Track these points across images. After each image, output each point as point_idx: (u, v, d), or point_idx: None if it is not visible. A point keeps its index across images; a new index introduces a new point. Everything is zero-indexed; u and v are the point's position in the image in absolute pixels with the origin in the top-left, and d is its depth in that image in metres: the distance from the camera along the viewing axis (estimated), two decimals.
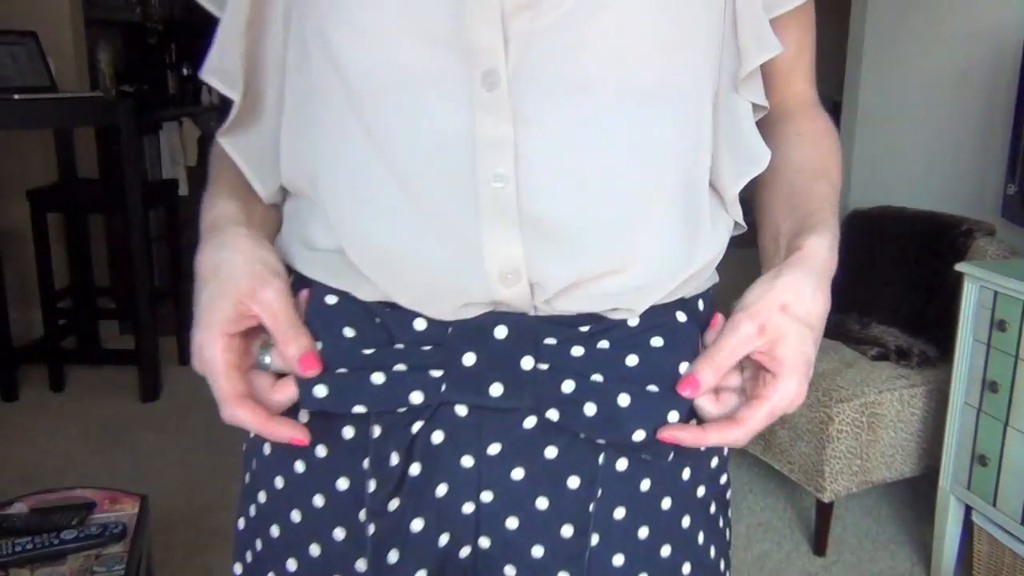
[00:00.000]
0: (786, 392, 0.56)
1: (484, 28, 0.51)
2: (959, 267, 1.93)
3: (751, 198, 0.66)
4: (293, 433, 0.57)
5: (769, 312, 0.57)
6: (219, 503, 2.28)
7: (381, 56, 0.53)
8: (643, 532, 0.63)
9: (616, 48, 0.53)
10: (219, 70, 0.60)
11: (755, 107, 0.62)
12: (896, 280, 2.37)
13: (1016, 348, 1.78)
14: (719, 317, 0.62)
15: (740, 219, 0.65)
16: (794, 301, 0.57)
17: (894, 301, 2.36)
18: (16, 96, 2.68)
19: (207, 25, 0.61)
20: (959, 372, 1.94)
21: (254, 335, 0.59)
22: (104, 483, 1.81)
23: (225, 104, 0.61)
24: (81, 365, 3.29)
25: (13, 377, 3.05)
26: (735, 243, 0.67)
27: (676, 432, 0.58)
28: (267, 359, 0.59)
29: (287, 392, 0.58)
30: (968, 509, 1.99)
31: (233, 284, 0.57)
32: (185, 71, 5.01)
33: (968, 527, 1.99)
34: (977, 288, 1.89)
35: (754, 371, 0.59)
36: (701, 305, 0.65)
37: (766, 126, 0.64)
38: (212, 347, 0.56)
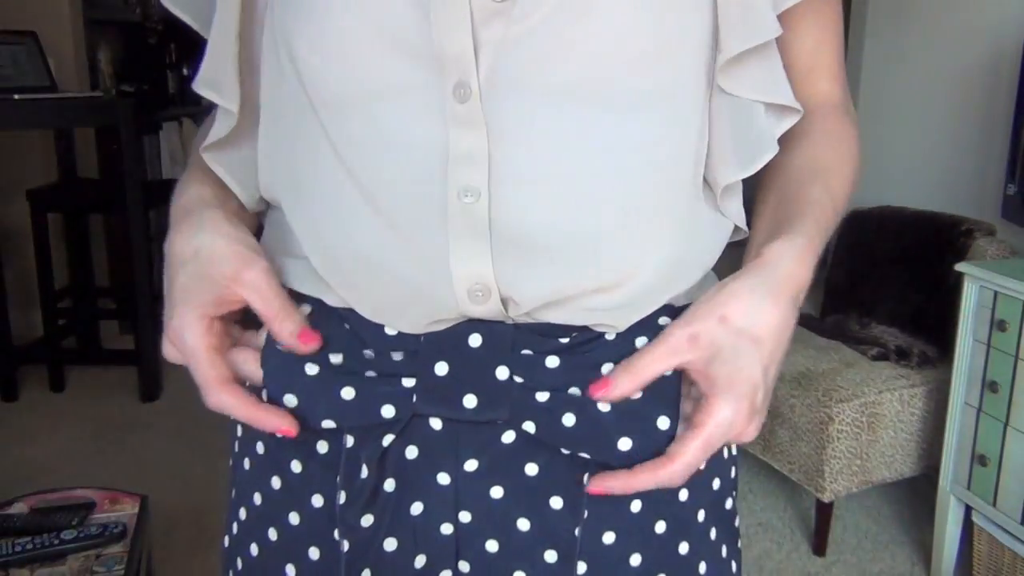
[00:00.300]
0: (721, 417, 0.50)
1: (453, 37, 0.49)
2: (959, 267, 1.93)
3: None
4: (280, 423, 0.54)
5: (704, 321, 0.51)
6: (219, 503, 2.26)
7: (347, 67, 0.51)
8: (635, 559, 0.59)
9: (596, 55, 0.49)
10: (213, 81, 0.56)
11: (785, 110, 0.57)
12: (896, 280, 2.37)
13: (1016, 348, 1.78)
14: None
15: (742, 223, 0.61)
16: (737, 312, 0.51)
17: (894, 301, 2.36)
18: (16, 96, 2.68)
19: None
20: (959, 372, 1.94)
21: (227, 325, 0.57)
22: (104, 483, 1.81)
23: None
24: (81, 365, 3.29)
25: (13, 377, 3.05)
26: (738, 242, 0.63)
27: (606, 482, 0.53)
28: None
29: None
30: (968, 509, 1.99)
31: (216, 267, 0.54)
32: (185, 71, 5.00)
33: (968, 527, 1.99)
34: (977, 288, 1.89)
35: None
36: None
37: None
38: (193, 330, 0.54)
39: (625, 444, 0.54)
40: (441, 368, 0.55)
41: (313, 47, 0.52)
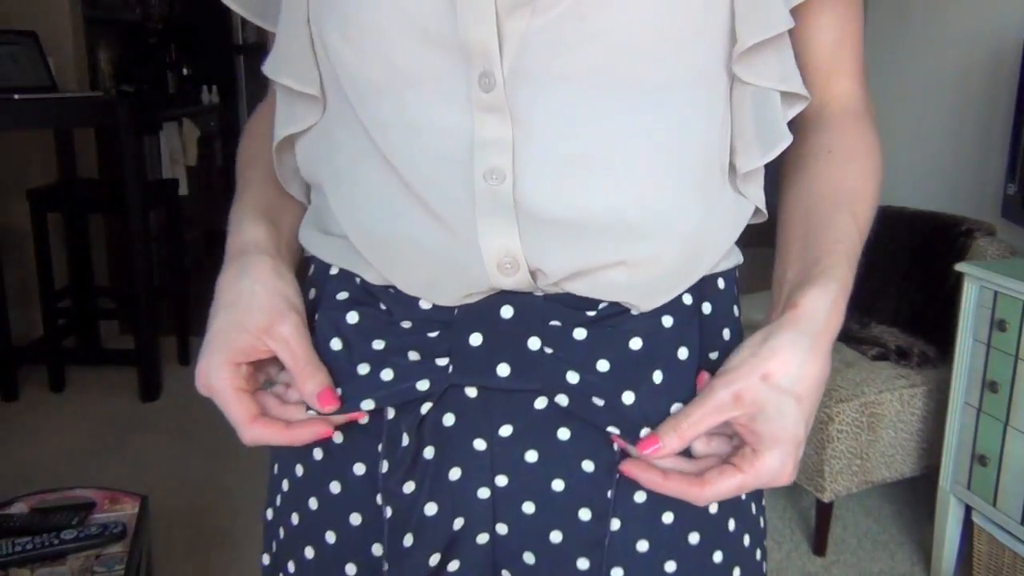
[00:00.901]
0: (763, 470, 0.53)
1: (478, 27, 0.50)
2: (959, 267, 1.93)
3: (773, 198, 0.63)
4: (317, 429, 0.58)
5: (748, 380, 0.53)
6: (219, 503, 2.28)
7: (376, 57, 0.53)
8: (668, 517, 0.60)
9: (618, 45, 0.51)
10: (285, 67, 0.59)
11: (795, 96, 0.58)
12: (896, 280, 2.37)
13: (1016, 348, 1.78)
14: (704, 375, 0.59)
15: (763, 205, 0.61)
16: (779, 369, 0.53)
17: (894, 301, 2.36)
18: (16, 96, 2.68)
19: (207, 25, 0.60)
20: (959, 372, 1.94)
21: (261, 364, 0.61)
22: (104, 483, 1.82)
23: (226, 103, 0.60)
24: (81, 365, 3.30)
25: (13, 377, 3.05)
26: (743, 243, 0.64)
27: (636, 471, 0.56)
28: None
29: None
30: (968, 509, 1.99)
31: (250, 317, 0.58)
32: (185, 71, 5.01)
33: (968, 527, 1.99)
34: (977, 288, 1.89)
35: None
36: (722, 284, 0.63)
37: (799, 135, 0.60)
38: (220, 375, 0.57)
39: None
40: (475, 339, 0.58)
41: (344, 37, 0.54)
